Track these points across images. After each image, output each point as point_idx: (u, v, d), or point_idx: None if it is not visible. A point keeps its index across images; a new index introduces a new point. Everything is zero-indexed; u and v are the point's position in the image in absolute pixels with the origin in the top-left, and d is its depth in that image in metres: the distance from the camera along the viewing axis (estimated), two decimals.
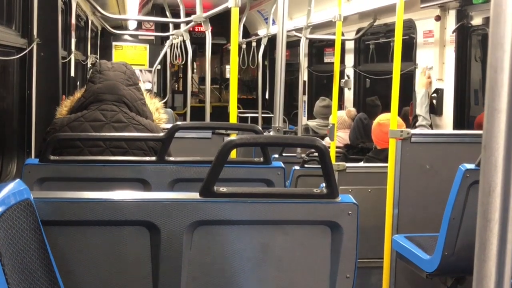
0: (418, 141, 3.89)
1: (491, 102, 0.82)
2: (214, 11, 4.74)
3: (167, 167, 2.77)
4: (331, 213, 1.89)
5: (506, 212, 0.83)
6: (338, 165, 4.61)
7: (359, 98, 7.95)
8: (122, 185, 2.69)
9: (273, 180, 2.81)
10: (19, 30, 3.54)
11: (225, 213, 1.84)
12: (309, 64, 10.00)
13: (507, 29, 0.81)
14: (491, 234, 0.83)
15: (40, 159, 2.68)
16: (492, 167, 0.83)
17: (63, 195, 1.81)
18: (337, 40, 4.69)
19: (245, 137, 1.88)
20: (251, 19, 10.97)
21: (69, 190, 2.22)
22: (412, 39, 6.19)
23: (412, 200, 3.88)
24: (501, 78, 0.81)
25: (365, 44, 7.81)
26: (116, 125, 2.94)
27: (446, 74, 5.54)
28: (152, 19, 10.63)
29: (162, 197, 1.85)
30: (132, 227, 1.82)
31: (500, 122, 0.82)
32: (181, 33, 7.66)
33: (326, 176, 1.86)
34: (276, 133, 3.40)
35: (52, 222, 1.76)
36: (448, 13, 5.44)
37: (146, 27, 11.45)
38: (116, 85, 3.00)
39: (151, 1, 9.46)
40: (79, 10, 6.35)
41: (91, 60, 8.10)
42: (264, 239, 1.90)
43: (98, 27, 9.52)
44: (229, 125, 3.75)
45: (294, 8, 8.17)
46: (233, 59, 3.80)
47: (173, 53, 9.66)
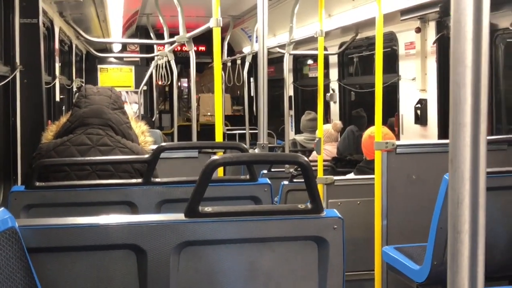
0: (403, 152, 3.92)
1: (456, 116, 0.84)
2: (196, 31, 4.77)
3: (154, 188, 2.77)
4: (316, 228, 1.90)
5: (475, 223, 0.85)
6: (326, 179, 4.63)
7: (345, 111, 8.00)
8: (109, 209, 2.69)
9: (260, 197, 2.82)
10: (1, 58, 3.54)
11: (211, 233, 1.84)
12: (295, 79, 10.07)
13: (467, 45, 0.83)
14: (461, 246, 0.85)
15: (25, 186, 2.67)
16: (460, 180, 0.85)
17: (48, 222, 1.81)
18: (320, 55, 4.73)
19: (228, 156, 1.89)
20: (235, 37, 11.04)
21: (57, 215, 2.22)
22: (395, 51, 6.26)
23: (400, 210, 3.90)
24: (463, 92, 0.83)
25: (349, 57, 7.89)
26: (102, 149, 2.95)
27: (429, 85, 5.60)
28: (136, 41, 10.67)
29: (147, 219, 1.85)
30: (119, 251, 1.82)
31: (465, 135, 0.84)
32: (165, 53, 7.69)
33: (310, 191, 1.87)
34: (261, 149, 3.42)
35: (38, 249, 1.76)
36: (428, 25, 5.51)
37: (131, 48, 11.48)
38: (102, 109, 3.01)
39: (135, 23, 9.50)
40: (62, 35, 6.37)
41: (76, 84, 8.10)
42: (251, 257, 1.90)
43: (83, 50, 9.54)
44: (214, 144, 3.77)
45: (277, 25, 8.26)
46: (217, 78, 3.83)
47: (158, 73, 9.69)
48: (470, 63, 0.83)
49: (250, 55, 8.82)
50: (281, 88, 10.10)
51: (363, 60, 7.69)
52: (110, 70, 11.41)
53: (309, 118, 7.67)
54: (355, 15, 6.17)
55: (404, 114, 6.05)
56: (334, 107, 8.14)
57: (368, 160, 5.13)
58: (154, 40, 8.88)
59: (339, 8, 6.47)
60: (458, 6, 0.83)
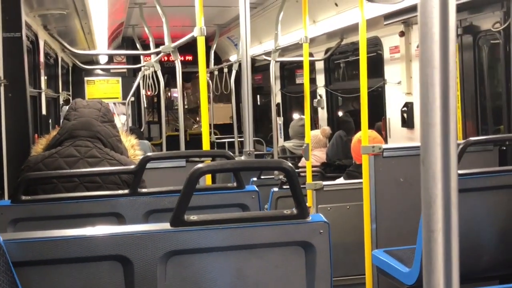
0: (390, 155, 3.94)
1: (425, 117, 0.85)
2: (181, 41, 4.79)
3: (141, 199, 2.76)
4: (302, 233, 1.91)
5: (448, 221, 0.85)
6: (315, 184, 4.65)
7: (332, 117, 8.03)
8: (96, 220, 2.68)
9: (248, 204, 2.82)
10: None
11: (197, 241, 1.84)
12: (282, 86, 10.09)
13: (435, 46, 0.84)
14: (435, 245, 0.86)
15: (12, 200, 2.66)
16: (431, 179, 0.86)
17: (33, 235, 1.81)
18: (305, 61, 4.76)
19: (212, 164, 1.90)
20: (222, 46, 11.07)
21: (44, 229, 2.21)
22: (380, 55, 6.30)
23: (389, 214, 3.92)
24: (432, 93, 0.85)
25: (335, 63, 7.93)
26: (90, 161, 2.94)
27: (414, 88, 5.63)
28: (122, 52, 10.66)
29: (133, 229, 1.85)
30: (105, 262, 1.82)
31: (435, 136, 0.85)
32: (151, 64, 7.70)
33: (295, 196, 1.88)
34: (247, 157, 3.42)
35: (23, 263, 1.75)
36: (412, 28, 5.55)
37: (118, 60, 11.46)
38: (91, 122, 3.02)
39: (121, 35, 9.50)
40: (47, 48, 6.36)
41: (63, 97, 8.07)
42: (238, 264, 1.91)
43: (69, 63, 9.52)
44: (200, 153, 3.77)
45: (263, 33, 8.29)
46: (203, 87, 3.83)
47: (146, 84, 9.68)
48: (437, 64, 0.84)
49: (237, 63, 8.85)
50: (268, 95, 10.13)
51: (349, 65, 7.73)
52: (97, 82, 11.39)
53: (301, 124, 7.69)
54: (339, 21, 6.21)
55: (391, 117, 6.09)
56: (321, 113, 8.17)
57: (358, 164, 5.16)
58: (140, 50, 8.88)
59: (323, 14, 6.51)
60: (425, 9, 0.85)
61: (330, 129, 6.93)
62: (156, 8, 5.54)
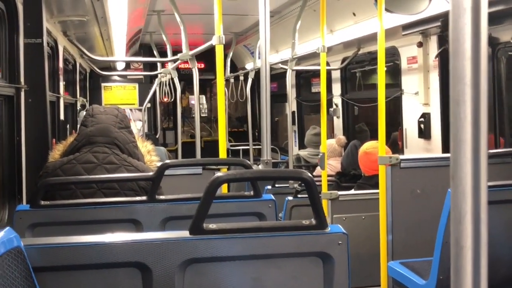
0: (407, 166, 3.92)
1: (456, 133, 0.85)
2: (199, 49, 4.81)
3: (158, 206, 2.77)
4: (321, 244, 1.90)
5: (477, 238, 0.85)
6: (331, 194, 4.63)
7: (348, 126, 8.01)
8: (114, 227, 2.69)
9: (265, 213, 2.82)
10: (6, 78, 3.58)
11: (215, 250, 1.85)
12: (298, 94, 10.09)
13: (466, 62, 0.84)
14: (465, 261, 0.85)
15: (31, 205, 2.68)
16: (461, 196, 0.86)
17: (53, 241, 1.82)
18: (322, 70, 4.75)
19: (232, 173, 1.90)
20: (238, 54, 11.10)
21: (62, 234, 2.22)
22: (397, 65, 6.28)
23: (405, 225, 3.89)
24: (463, 110, 0.84)
25: (351, 72, 7.92)
26: (108, 167, 2.96)
27: (432, 99, 5.61)
28: (139, 59, 10.72)
29: (152, 237, 1.86)
30: (124, 269, 1.83)
31: (466, 152, 0.85)
32: (168, 71, 7.74)
33: (314, 207, 1.88)
34: (265, 166, 3.42)
35: (43, 269, 1.76)
36: (430, 39, 5.54)
37: (135, 66, 11.54)
38: (108, 128, 3.03)
39: (138, 41, 9.56)
40: (66, 54, 6.42)
41: (80, 102, 8.14)
42: (256, 273, 1.90)
43: (87, 69, 9.60)
44: (218, 161, 3.78)
45: (280, 41, 8.30)
46: (220, 95, 3.84)
47: (162, 90, 9.73)
48: (469, 80, 0.84)
49: (253, 71, 8.86)
50: (284, 103, 10.13)
51: (365, 74, 7.71)
52: (114, 88, 11.47)
53: (314, 133, 7.69)
54: (357, 30, 6.20)
55: (408, 128, 6.06)
56: (337, 122, 8.15)
57: (367, 176, 5.15)
58: (157, 58, 8.94)
59: (340, 23, 6.50)
60: (456, 25, 0.84)
61: (345, 139, 6.91)
62: (173, 15, 5.57)
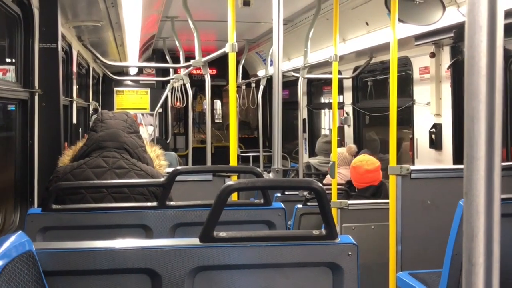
0: (418, 177, 3.90)
1: (470, 150, 0.85)
2: (212, 56, 4.83)
3: (169, 212, 2.78)
4: (331, 255, 1.90)
5: (490, 256, 0.85)
6: (341, 203, 4.62)
7: (359, 135, 8.00)
8: (124, 232, 2.71)
9: (274, 222, 2.82)
10: (21, 82, 3.61)
11: (225, 258, 1.85)
12: (309, 102, 10.10)
13: (481, 80, 0.84)
14: (476, 278, 0.85)
15: (42, 209, 2.70)
16: (474, 213, 0.86)
17: (65, 246, 1.83)
18: (334, 79, 4.76)
19: (243, 182, 1.91)
20: (250, 61, 11.13)
21: (72, 238, 2.24)
22: (409, 75, 6.27)
23: (415, 236, 3.87)
24: (478, 127, 0.85)
25: (363, 81, 7.91)
26: (118, 171, 2.97)
27: (443, 109, 5.59)
28: (152, 65, 10.78)
29: (162, 244, 1.87)
30: (134, 275, 1.83)
31: (479, 169, 0.85)
32: (181, 77, 7.77)
33: (324, 217, 1.88)
34: (275, 174, 3.43)
35: (54, 273, 1.77)
36: (443, 50, 5.52)
37: (147, 71, 11.60)
38: (118, 133, 3.05)
39: (151, 47, 9.61)
40: (80, 59, 6.47)
41: (92, 106, 8.19)
42: (265, 282, 1.91)
43: (100, 73, 9.66)
44: (228, 168, 3.78)
45: (292, 49, 8.32)
46: (232, 102, 3.86)
47: (174, 96, 9.78)
48: (484, 98, 0.84)
49: (265, 79, 8.89)
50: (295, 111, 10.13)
51: (377, 84, 7.70)
52: (126, 93, 11.53)
53: (325, 141, 7.69)
54: (369, 39, 6.20)
55: (419, 138, 6.04)
56: (348, 131, 8.14)
57: (361, 189, 5.23)
58: (170, 63, 8.98)
59: (353, 33, 6.51)
60: (472, 42, 0.85)
61: (356, 147, 6.91)
62: (187, 22, 5.61)
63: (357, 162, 5.31)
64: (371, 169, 5.21)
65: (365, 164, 5.22)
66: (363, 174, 5.23)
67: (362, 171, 5.23)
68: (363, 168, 5.22)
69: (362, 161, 5.27)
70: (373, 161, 5.26)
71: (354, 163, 5.37)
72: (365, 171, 5.21)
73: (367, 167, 5.21)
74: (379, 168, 5.27)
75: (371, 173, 5.21)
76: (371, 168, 5.21)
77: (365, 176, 5.24)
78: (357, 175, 5.29)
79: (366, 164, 5.23)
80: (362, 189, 5.26)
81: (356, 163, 5.32)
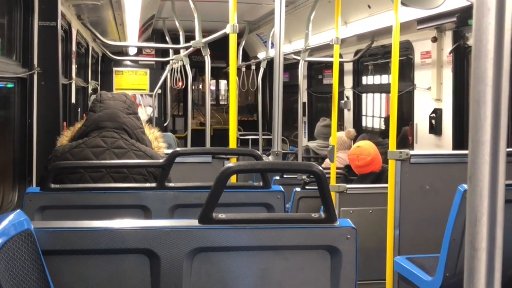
0: (417, 162, 3.90)
1: (475, 134, 0.84)
2: (212, 37, 4.80)
3: (167, 193, 2.78)
4: (329, 238, 1.90)
5: (493, 241, 0.84)
6: (339, 187, 4.63)
7: (359, 119, 7.98)
8: (123, 212, 2.70)
9: (273, 204, 2.82)
10: (20, 60, 3.58)
11: (224, 239, 1.85)
12: (309, 85, 10.06)
13: (488, 63, 0.83)
14: (479, 263, 0.85)
15: (41, 188, 2.70)
16: (478, 197, 0.85)
17: (63, 225, 1.83)
18: (335, 62, 4.73)
19: (243, 164, 1.90)
20: (250, 43, 11.07)
21: (71, 217, 2.24)
22: (410, 59, 6.24)
23: (413, 221, 3.88)
24: (483, 111, 0.84)
25: (364, 65, 7.88)
26: (117, 151, 2.97)
27: (444, 95, 5.57)
28: (152, 45, 10.71)
29: (161, 224, 1.87)
30: (132, 255, 1.83)
31: (484, 153, 0.84)
32: (181, 58, 7.73)
33: (324, 200, 1.88)
34: (275, 157, 3.42)
35: (52, 252, 1.77)
36: (445, 34, 5.49)
37: (147, 52, 11.54)
38: (117, 113, 3.04)
39: (151, 27, 9.55)
40: (79, 38, 6.42)
41: (91, 86, 8.16)
42: (263, 264, 1.91)
43: (99, 53, 9.60)
44: (228, 150, 3.78)
45: (293, 32, 8.26)
46: (232, 84, 3.84)
47: (173, 77, 9.74)
48: (490, 81, 0.83)
49: (265, 61, 8.84)
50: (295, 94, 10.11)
51: (378, 68, 7.67)
52: (125, 73, 11.48)
53: (324, 125, 7.68)
54: (371, 23, 6.16)
55: (419, 123, 6.03)
56: (347, 115, 8.12)
57: (361, 175, 5.23)
58: (170, 44, 8.92)
59: (355, 16, 6.46)
60: (480, 25, 0.83)
61: (355, 131, 6.90)
62: (187, 2, 5.56)
63: (350, 155, 5.32)
64: (361, 164, 5.19)
65: (356, 159, 5.21)
66: (356, 168, 5.28)
67: (354, 165, 5.28)
68: (354, 163, 5.25)
69: (354, 155, 5.25)
70: (364, 155, 5.19)
71: (348, 155, 5.39)
72: (356, 166, 5.24)
73: (358, 163, 5.21)
74: (374, 158, 5.22)
75: (362, 168, 5.21)
76: (362, 164, 5.19)
77: (358, 170, 5.26)
78: (354, 166, 5.31)
79: (357, 159, 5.20)
80: (362, 175, 5.25)
81: (350, 156, 5.34)
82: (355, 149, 5.34)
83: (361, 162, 5.20)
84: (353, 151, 5.33)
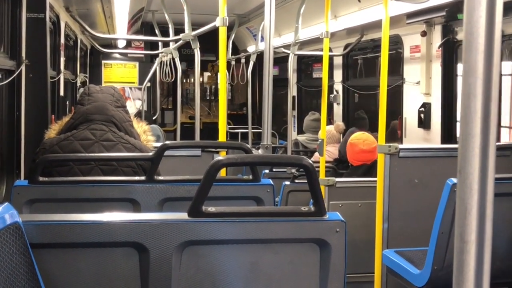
0: (406, 156, 3.91)
1: (465, 127, 0.84)
2: (202, 29, 4.78)
3: (157, 186, 2.77)
4: (319, 231, 1.90)
5: (482, 233, 0.85)
6: (328, 180, 4.63)
7: (348, 113, 8.00)
8: (112, 205, 2.69)
9: (262, 198, 2.82)
10: (8, 52, 3.55)
11: (213, 233, 1.85)
12: (298, 79, 10.06)
13: (479, 56, 0.83)
14: (468, 256, 0.85)
15: (29, 181, 2.68)
16: (468, 190, 0.85)
17: (51, 218, 1.82)
18: (325, 56, 4.73)
19: (232, 157, 1.90)
20: (240, 36, 11.04)
21: (59, 211, 2.22)
22: (400, 54, 6.26)
23: (402, 214, 3.90)
24: (474, 104, 0.84)
25: (353, 59, 7.89)
26: (105, 144, 2.96)
27: (433, 89, 5.60)
28: (141, 38, 10.66)
29: (151, 217, 1.86)
30: (121, 249, 1.83)
31: (474, 146, 0.84)
32: (170, 51, 7.70)
33: (314, 194, 1.88)
34: (265, 150, 3.42)
35: (41, 245, 1.76)
36: (434, 29, 5.51)
37: (136, 45, 11.48)
38: (105, 106, 3.03)
39: (140, 20, 9.50)
40: (68, 30, 6.38)
41: (80, 79, 8.10)
42: (253, 258, 1.91)
43: (88, 45, 9.54)
44: (217, 144, 3.77)
45: (283, 25, 8.25)
46: (222, 77, 3.83)
47: (163, 70, 9.69)
48: (481, 74, 0.83)
49: (255, 54, 8.83)
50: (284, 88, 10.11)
51: (367, 62, 7.69)
52: (114, 66, 11.41)
53: (313, 119, 7.69)
54: (361, 17, 6.17)
55: (408, 117, 6.05)
56: (337, 109, 8.14)
57: (354, 167, 5.22)
58: (159, 37, 8.88)
59: (345, 9, 6.47)
60: (471, 18, 0.83)
61: (344, 125, 6.91)
62: None
63: (355, 139, 5.25)
64: (366, 149, 5.17)
65: (361, 143, 5.18)
66: (358, 153, 5.21)
67: (357, 149, 5.21)
68: (359, 147, 5.19)
69: (359, 139, 5.22)
70: (370, 141, 5.19)
71: (351, 139, 5.29)
72: (360, 150, 5.19)
73: (363, 147, 5.17)
74: (375, 148, 5.22)
75: (366, 153, 5.18)
76: (367, 148, 5.17)
77: (360, 155, 5.21)
78: (352, 152, 5.24)
79: (363, 143, 5.18)
80: (354, 167, 5.25)
81: (353, 140, 5.25)
82: (359, 135, 5.28)
83: (366, 147, 5.15)
84: (358, 136, 5.25)
